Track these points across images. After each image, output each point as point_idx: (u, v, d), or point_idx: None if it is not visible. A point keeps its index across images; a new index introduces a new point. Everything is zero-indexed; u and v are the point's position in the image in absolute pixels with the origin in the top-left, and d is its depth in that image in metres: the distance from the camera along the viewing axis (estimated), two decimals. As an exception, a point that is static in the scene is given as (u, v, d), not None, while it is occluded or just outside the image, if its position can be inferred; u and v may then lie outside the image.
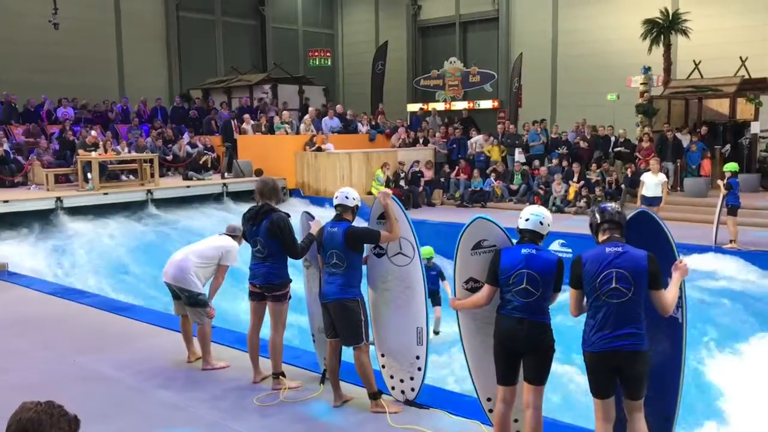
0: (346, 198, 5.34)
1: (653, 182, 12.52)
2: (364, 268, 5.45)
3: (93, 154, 15.16)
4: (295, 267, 5.83)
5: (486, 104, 26.74)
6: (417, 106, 26.35)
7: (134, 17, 25.44)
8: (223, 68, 27.56)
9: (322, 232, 5.34)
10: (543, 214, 4.46)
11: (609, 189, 15.75)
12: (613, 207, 4.19)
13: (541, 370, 4.26)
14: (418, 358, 5.33)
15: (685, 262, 4.12)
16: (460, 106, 25.84)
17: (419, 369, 5.34)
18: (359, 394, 5.43)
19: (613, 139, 17.53)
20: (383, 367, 5.51)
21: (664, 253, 4.09)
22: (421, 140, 19.73)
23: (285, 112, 19.56)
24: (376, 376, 5.32)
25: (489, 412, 4.79)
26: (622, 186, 15.66)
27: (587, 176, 16.30)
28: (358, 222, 5.46)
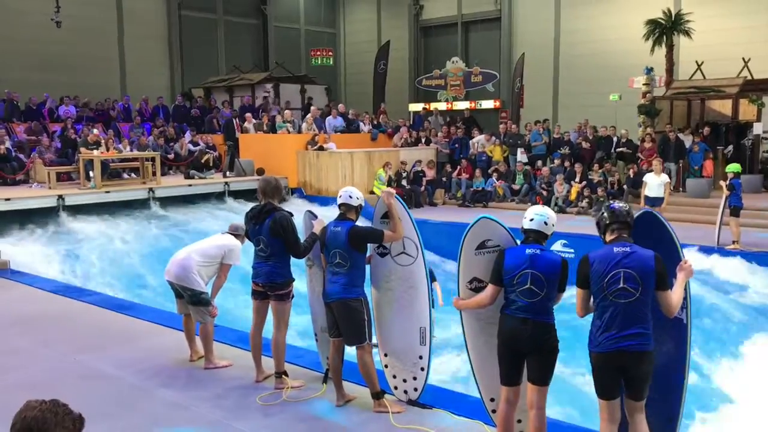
0: (350, 197, 5.33)
1: (656, 183, 12.54)
2: (368, 268, 5.44)
3: (95, 152, 15.15)
4: (297, 266, 5.82)
5: (488, 104, 26.73)
6: (419, 106, 26.36)
7: (136, 15, 25.45)
8: (225, 67, 27.54)
9: (326, 232, 5.34)
10: (547, 214, 4.45)
11: (611, 189, 15.73)
12: (621, 207, 4.16)
13: (545, 371, 4.25)
14: (421, 357, 5.32)
15: (690, 262, 4.12)
16: (462, 106, 25.82)
17: (422, 369, 5.34)
18: (362, 393, 5.43)
19: (615, 139, 17.51)
20: (386, 366, 5.50)
21: (668, 253, 4.08)
22: (423, 140, 19.71)
23: (287, 111, 19.55)
24: (379, 376, 5.31)
25: (492, 413, 4.78)
26: (624, 186, 15.65)
27: (589, 176, 16.29)
28: (362, 221, 5.45)
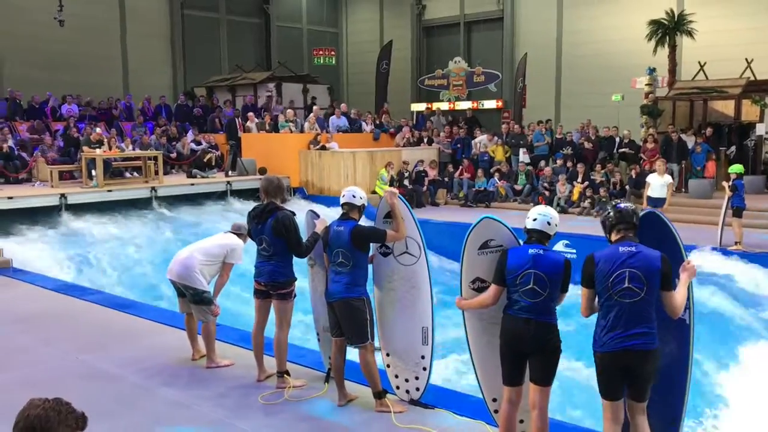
0: (354, 197, 5.32)
1: (659, 183, 12.53)
2: (370, 267, 5.44)
3: (97, 151, 15.16)
4: (300, 265, 5.82)
5: (490, 104, 26.72)
6: (421, 106, 26.35)
7: (139, 15, 25.47)
8: (228, 66, 27.55)
9: (328, 231, 5.34)
10: (550, 214, 4.45)
11: (613, 190, 15.71)
12: (628, 207, 4.14)
13: (547, 371, 4.24)
14: (423, 357, 5.32)
15: (693, 263, 4.11)
16: (464, 105, 25.81)
17: (424, 369, 5.33)
18: (364, 393, 5.43)
19: (617, 140, 17.50)
20: (388, 366, 5.50)
21: (671, 254, 4.07)
22: (426, 140, 19.70)
23: (289, 110, 19.55)
24: (381, 376, 5.31)
25: (494, 413, 4.77)
26: (627, 187, 15.64)
27: (592, 177, 16.27)
28: (364, 221, 5.45)
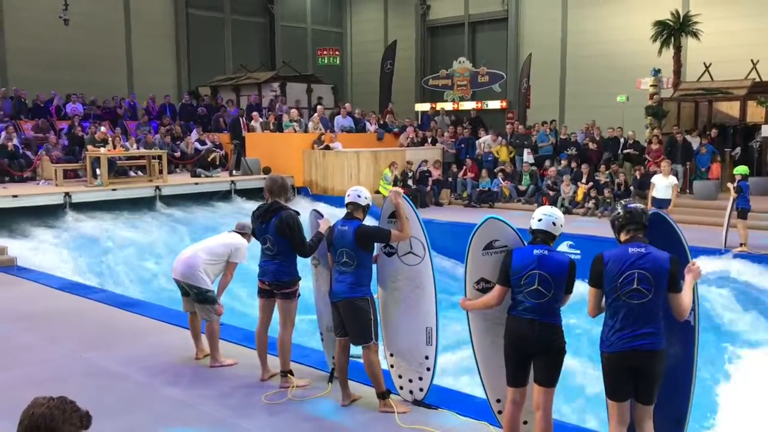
0: (359, 196, 5.32)
1: (663, 184, 12.50)
2: (374, 267, 5.43)
3: (102, 150, 15.19)
4: (304, 265, 5.81)
5: (494, 104, 26.67)
6: (425, 106, 26.32)
7: (143, 14, 25.52)
8: (232, 66, 27.59)
9: (333, 231, 5.33)
10: (556, 214, 4.43)
11: (618, 190, 15.69)
12: (638, 207, 4.10)
13: (551, 372, 4.22)
14: (427, 358, 5.31)
15: (698, 264, 4.09)
16: (469, 106, 25.77)
17: (428, 369, 5.32)
18: (367, 393, 5.42)
19: (622, 140, 17.46)
20: (392, 366, 5.49)
21: (677, 255, 4.04)
22: (430, 140, 19.69)
23: (293, 110, 19.56)
24: (384, 376, 5.30)
25: (498, 414, 4.76)
26: (631, 188, 15.60)
27: (596, 178, 16.25)
28: (369, 221, 5.44)
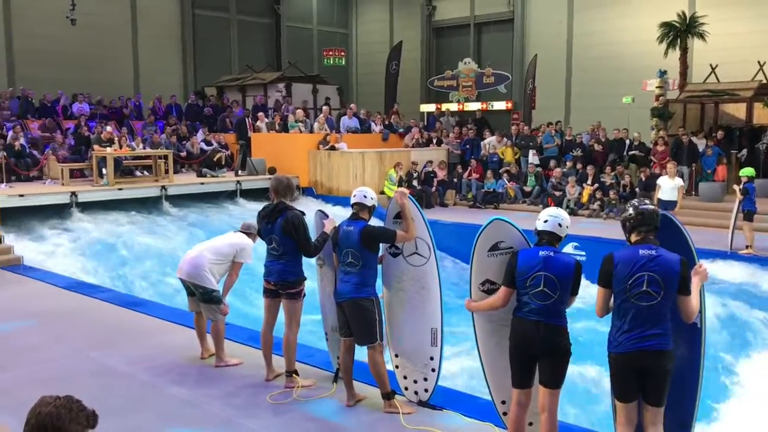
0: (365, 197, 5.32)
1: (669, 186, 12.48)
2: (379, 268, 5.43)
3: (108, 149, 15.23)
4: (310, 265, 5.82)
5: (500, 105, 26.69)
6: (431, 107, 26.33)
7: (150, 14, 25.58)
8: (238, 66, 27.63)
9: (338, 231, 5.34)
10: (561, 216, 4.43)
11: (623, 192, 15.65)
12: (651, 209, 4.06)
13: (557, 374, 4.22)
14: (432, 359, 5.31)
15: (705, 266, 4.08)
16: (474, 106, 25.78)
17: (433, 370, 5.32)
18: (372, 394, 5.42)
19: (627, 142, 17.42)
20: (397, 367, 5.49)
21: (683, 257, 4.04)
22: (435, 140, 19.69)
23: (299, 110, 19.58)
24: (389, 377, 5.30)
25: (503, 415, 4.76)
26: (636, 189, 15.56)
27: (601, 179, 16.21)
28: (374, 221, 5.44)
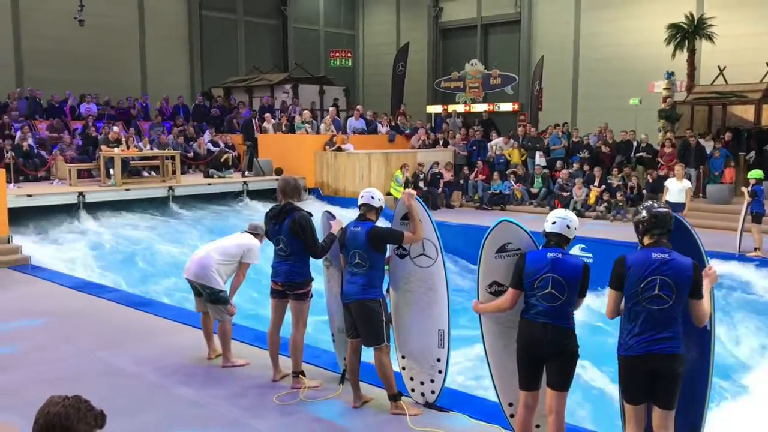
0: (372, 198, 5.32)
1: (677, 188, 12.42)
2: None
3: (115, 150, 15.29)
4: (317, 266, 5.82)
5: (506, 107, 26.64)
6: (437, 108, 26.31)
7: (158, 15, 25.65)
8: (245, 67, 27.67)
9: (345, 232, 5.34)
10: (570, 217, 4.42)
11: (630, 194, 15.61)
12: (664, 211, 4.02)
13: (564, 376, 4.21)
14: (439, 360, 5.30)
15: (715, 269, 4.06)
16: (481, 108, 25.75)
17: (440, 371, 5.31)
18: (379, 395, 5.41)
19: (635, 144, 17.37)
20: (404, 368, 5.48)
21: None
22: (441, 142, 19.67)
23: (306, 111, 19.60)
24: (396, 378, 5.30)
25: (510, 417, 4.75)
26: (644, 191, 15.51)
27: (608, 181, 16.17)
28: (381, 222, 5.44)
